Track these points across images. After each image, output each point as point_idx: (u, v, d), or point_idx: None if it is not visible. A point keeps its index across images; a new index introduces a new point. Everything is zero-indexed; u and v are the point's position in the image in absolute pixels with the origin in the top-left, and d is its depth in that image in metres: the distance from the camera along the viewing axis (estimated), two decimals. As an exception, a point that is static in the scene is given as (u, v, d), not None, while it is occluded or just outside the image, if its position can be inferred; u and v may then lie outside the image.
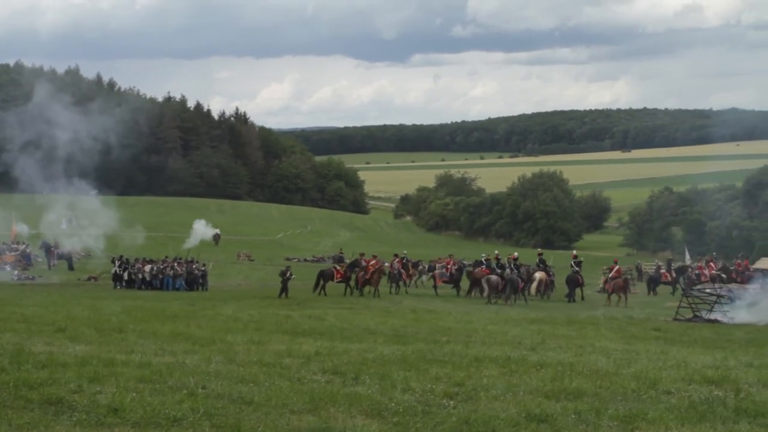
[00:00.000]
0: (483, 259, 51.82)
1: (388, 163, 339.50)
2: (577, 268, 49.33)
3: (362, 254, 52.87)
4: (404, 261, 55.29)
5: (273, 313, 28.92)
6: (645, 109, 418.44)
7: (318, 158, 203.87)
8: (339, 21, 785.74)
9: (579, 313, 36.48)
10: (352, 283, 47.18)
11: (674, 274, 57.26)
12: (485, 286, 45.40)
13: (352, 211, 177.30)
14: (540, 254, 54.50)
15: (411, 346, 18.69)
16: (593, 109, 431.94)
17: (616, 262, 52.41)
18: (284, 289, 43.24)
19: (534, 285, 48.51)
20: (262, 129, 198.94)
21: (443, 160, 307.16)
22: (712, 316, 34.83)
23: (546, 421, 10.80)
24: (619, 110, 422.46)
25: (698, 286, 42.56)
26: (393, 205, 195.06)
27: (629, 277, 52.00)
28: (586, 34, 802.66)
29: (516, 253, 51.50)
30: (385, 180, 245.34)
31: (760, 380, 14.54)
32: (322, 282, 46.48)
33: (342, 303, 38.97)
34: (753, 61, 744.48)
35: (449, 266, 54.76)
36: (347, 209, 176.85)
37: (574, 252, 60.68)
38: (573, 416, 11.08)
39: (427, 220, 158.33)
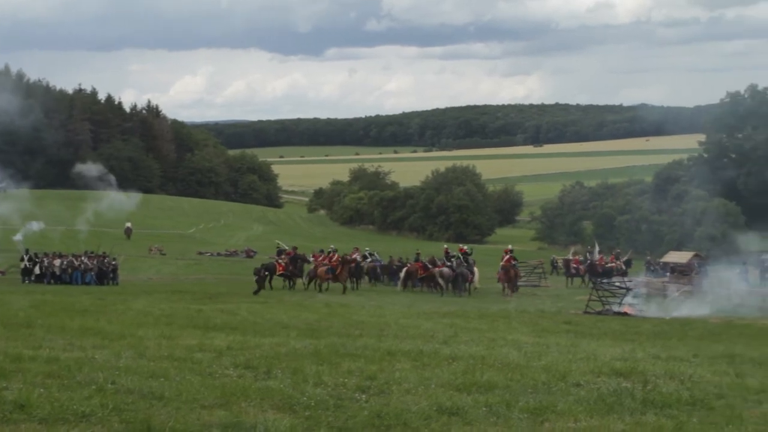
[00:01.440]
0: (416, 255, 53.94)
1: (302, 157, 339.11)
2: (465, 264, 49.84)
3: (295, 248, 52.36)
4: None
5: (184, 308, 28.70)
6: (557, 104, 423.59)
7: (231, 152, 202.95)
8: (253, 14, 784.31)
9: (491, 306, 36.76)
10: (304, 280, 47.12)
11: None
12: (440, 280, 47.14)
13: (266, 204, 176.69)
14: (446, 249, 54.73)
15: (324, 340, 18.67)
16: (506, 104, 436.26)
17: (506, 252, 52.54)
18: (261, 286, 42.90)
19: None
20: (175, 122, 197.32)
21: (357, 154, 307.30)
22: (622, 309, 35.38)
23: (457, 414, 10.85)
24: (531, 105, 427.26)
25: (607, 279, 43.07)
26: (307, 199, 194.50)
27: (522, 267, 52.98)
28: (499, 30, 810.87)
29: (466, 247, 53.40)
30: (299, 174, 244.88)
31: (667, 372, 14.79)
32: (267, 276, 46.31)
33: (255, 297, 38.82)
34: (662, 57, 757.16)
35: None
36: (261, 203, 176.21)
37: (464, 246, 60.88)
38: (484, 409, 11.15)
39: (340, 214, 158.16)
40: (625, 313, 34.51)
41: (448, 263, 48.60)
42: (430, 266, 48.99)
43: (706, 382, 14.00)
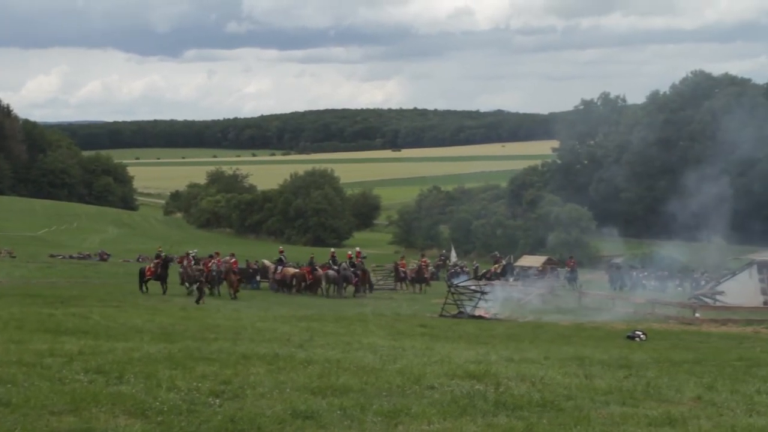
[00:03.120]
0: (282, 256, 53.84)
1: (158, 159, 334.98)
2: (351, 267, 50.48)
3: (188, 253, 50.80)
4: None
5: (35, 312, 27.95)
6: (415, 109, 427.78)
7: (86, 153, 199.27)
8: (111, 13, 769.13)
9: (348, 310, 36.84)
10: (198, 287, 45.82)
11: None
12: (324, 282, 48.94)
13: (121, 207, 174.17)
14: (332, 252, 55.03)
15: (178, 344, 18.43)
16: (365, 108, 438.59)
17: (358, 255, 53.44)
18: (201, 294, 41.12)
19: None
20: (27, 122, 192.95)
21: (215, 156, 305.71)
22: (476, 312, 35.86)
23: (312, 418, 10.83)
24: (390, 110, 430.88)
25: (463, 282, 43.52)
26: (163, 202, 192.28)
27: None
28: (360, 34, 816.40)
29: (359, 249, 56.97)
30: (156, 176, 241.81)
31: (519, 374, 15.02)
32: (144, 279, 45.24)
33: (109, 301, 38.10)
34: (519, 64, 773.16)
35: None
36: (116, 205, 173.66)
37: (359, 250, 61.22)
38: (338, 412, 11.15)
39: (197, 216, 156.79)
40: (480, 317, 34.98)
41: (334, 266, 50.01)
42: (318, 270, 49.98)
43: (556, 383, 14.26)
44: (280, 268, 51.56)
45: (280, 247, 61.85)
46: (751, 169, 68.06)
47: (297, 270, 51.11)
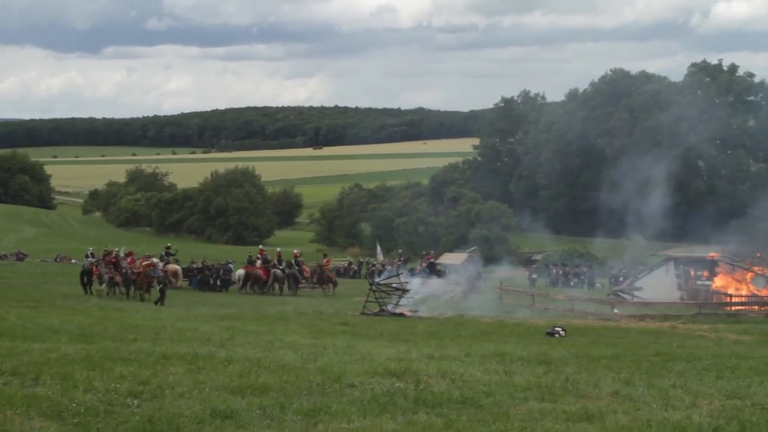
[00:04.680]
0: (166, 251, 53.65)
1: (76, 157, 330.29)
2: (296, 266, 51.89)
3: (108, 251, 49.45)
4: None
5: (-51, 313, 27.50)
6: (336, 106, 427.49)
7: (2, 151, 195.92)
8: (28, 9, 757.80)
9: (269, 308, 36.72)
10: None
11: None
12: (271, 280, 50.06)
13: (38, 206, 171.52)
14: (278, 252, 54.95)
15: (96, 344, 18.22)
16: (287, 105, 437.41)
17: (261, 253, 53.97)
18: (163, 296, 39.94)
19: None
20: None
21: (134, 154, 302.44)
22: (398, 310, 35.95)
23: (231, 417, 10.78)
24: (311, 107, 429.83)
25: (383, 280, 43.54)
26: (81, 201, 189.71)
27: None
28: (283, 32, 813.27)
29: (297, 251, 58.32)
30: (74, 174, 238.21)
31: (440, 371, 15.08)
32: (86, 280, 44.20)
33: (25, 301, 37.52)
34: (441, 62, 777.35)
35: None
36: (32, 204, 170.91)
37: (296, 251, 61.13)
38: (258, 411, 11.11)
39: (117, 215, 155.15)
40: (402, 314, 35.07)
41: (280, 266, 50.71)
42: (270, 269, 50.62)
43: (476, 380, 14.34)
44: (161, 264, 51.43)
45: (168, 243, 61.01)
46: (669, 166, 69.03)
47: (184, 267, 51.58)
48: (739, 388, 14.33)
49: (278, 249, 57.85)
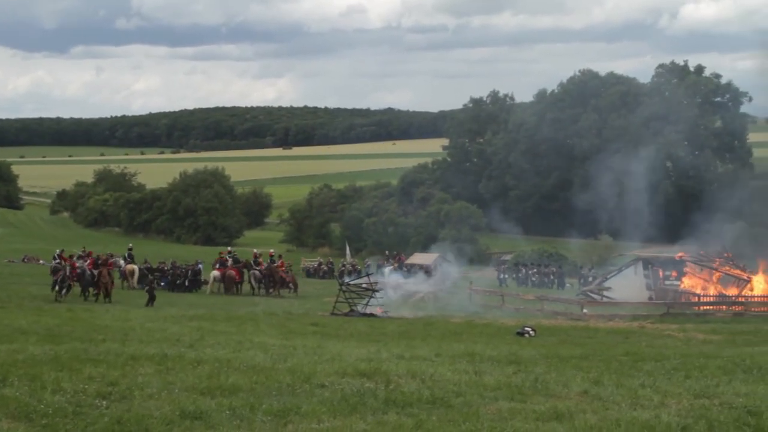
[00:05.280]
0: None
1: (44, 157, 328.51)
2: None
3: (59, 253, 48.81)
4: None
5: None
6: (306, 107, 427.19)
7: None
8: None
9: (239, 309, 36.62)
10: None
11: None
12: (252, 281, 50.46)
13: (5, 206, 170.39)
14: (255, 253, 54.99)
15: (64, 345, 18.09)
16: (256, 106, 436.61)
17: (221, 254, 54.11)
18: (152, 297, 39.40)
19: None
20: None
21: (102, 154, 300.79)
22: (368, 310, 35.96)
23: (200, 418, 10.74)
24: (280, 108, 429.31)
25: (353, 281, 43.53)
26: (49, 201, 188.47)
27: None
28: (252, 32, 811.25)
29: (272, 250, 58.95)
30: (41, 174, 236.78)
31: (410, 371, 15.09)
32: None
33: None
34: (411, 62, 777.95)
35: None
36: (0, 204, 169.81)
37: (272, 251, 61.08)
38: (227, 412, 11.09)
39: (85, 216, 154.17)
40: (372, 314, 35.07)
41: (256, 267, 50.79)
42: (245, 270, 50.82)
43: (446, 380, 14.36)
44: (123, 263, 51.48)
45: (130, 245, 60.74)
46: (637, 167, 69.36)
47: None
48: (707, 387, 14.40)
49: (255, 250, 57.65)
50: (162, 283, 51.18)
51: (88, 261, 44.28)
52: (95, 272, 42.45)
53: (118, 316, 29.36)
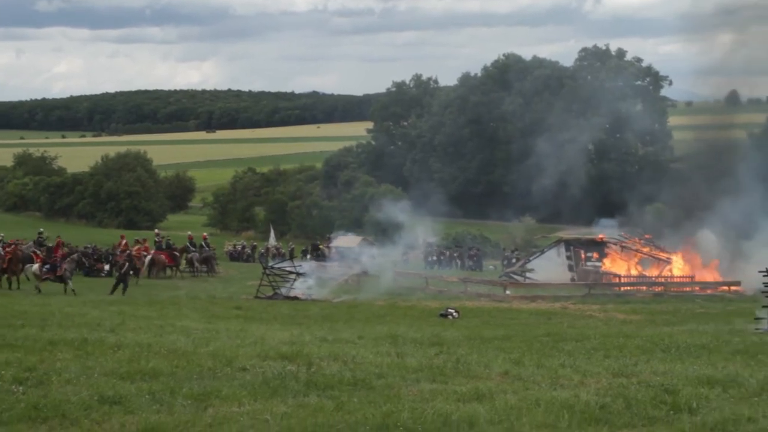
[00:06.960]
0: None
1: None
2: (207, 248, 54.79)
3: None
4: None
5: None
6: (229, 90, 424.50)
7: None
8: None
9: (161, 293, 36.38)
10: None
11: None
12: (196, 264, 52.55)
13: None
14: (190, 235, 56.88)
15: (-19, 331, 17.84)
16: (179, 89, 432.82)
17: (123, 237, 54.72)
18: (125, 284, 37.88)
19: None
20: None
21: (22, 138, 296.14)
22: (292, 293, 35.91)
23: (119, 403, 10.64)
24: (204, 91, 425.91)
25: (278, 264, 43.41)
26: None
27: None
28: (176, 14, 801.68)
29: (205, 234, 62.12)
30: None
31: (331, 354, 15.12)
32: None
33: None
34: (336, 46, 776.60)
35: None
36: None
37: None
38: (147, 397, 11.00)
39: (4, 200, 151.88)
40: (296, 298, 35.04)
41: (193, 249, 53.22)
42: (177, 254, 51.81)
43: (369, 362, 14.40)
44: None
45: (41, 229, 60.00)
46: (560, 150, 70.06)
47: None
48: (626, 366, 14.59)
49: (189, 233, 58.93)
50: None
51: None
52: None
53: (37, 301, 29.04)
